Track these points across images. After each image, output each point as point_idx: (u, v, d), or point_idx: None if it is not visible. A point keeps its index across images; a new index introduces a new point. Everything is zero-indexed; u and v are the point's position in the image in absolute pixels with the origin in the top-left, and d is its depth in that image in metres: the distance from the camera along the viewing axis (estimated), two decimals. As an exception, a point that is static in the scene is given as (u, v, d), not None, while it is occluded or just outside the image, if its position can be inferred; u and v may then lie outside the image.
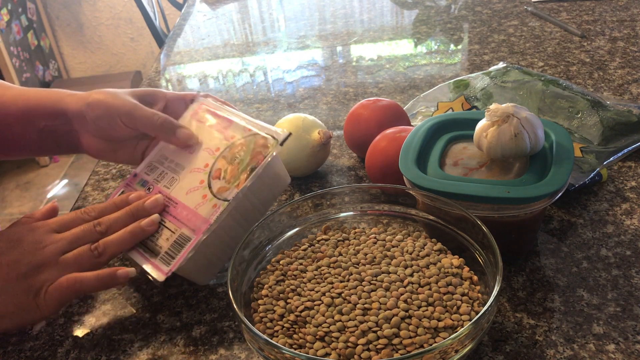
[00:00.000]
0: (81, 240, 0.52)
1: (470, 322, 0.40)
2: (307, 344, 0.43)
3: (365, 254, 0.50)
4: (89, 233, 0.53)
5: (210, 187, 0.54)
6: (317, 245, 0.53)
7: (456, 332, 0.41)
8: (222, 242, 0.54)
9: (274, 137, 0.54)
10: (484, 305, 0.44)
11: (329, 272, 0.49)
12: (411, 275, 0.47)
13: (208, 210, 0.53)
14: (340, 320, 0.44)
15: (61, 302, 0.50)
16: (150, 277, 0.52)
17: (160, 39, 2.04)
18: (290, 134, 0.54)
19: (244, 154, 0.55)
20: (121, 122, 0.59)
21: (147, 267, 0.53)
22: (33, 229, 0.52)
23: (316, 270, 0.49)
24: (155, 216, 0.54)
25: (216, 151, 0.57)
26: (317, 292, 0.47)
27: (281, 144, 0.54)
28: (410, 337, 0.42)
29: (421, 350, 0.41)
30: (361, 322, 0.43)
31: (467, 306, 0.44)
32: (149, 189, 0.58)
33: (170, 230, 0.54)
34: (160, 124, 0.59)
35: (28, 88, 0.64)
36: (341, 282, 0.47)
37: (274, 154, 0.54)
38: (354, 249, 0.51)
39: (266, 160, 0.54)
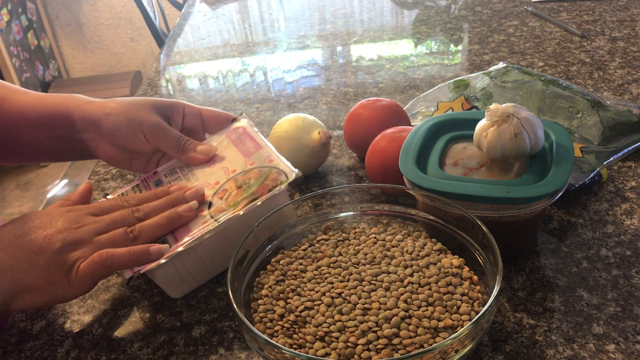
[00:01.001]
0: (118, 224, 0.52)
1: (470, 322, 0.40)
2: (307, 344, 0.43)
3: (365, 254, 0.50)
4: (127, 218, 0.53)
5: (210, 205, 0.55)
6: (317, 245, 0.53)
7: (456, 332, 0.41)
8: (200, 261, 0.54)
9: (286, 175, 0.54)
10: (484, 305, 0.44)
11: (329, 272, 0.49)
12: (411, 275, 0.47)
13: (197, 225, 0.53)
14: (340, 320, 0.44)
15: (93, 279, 0.49)
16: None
17: (160, 39, 2.04)
18: (302, 176, 0.53)
19: (253, 182, 0.55)
20: (143, 136, 0.60)
21: None
22: (71, 210, 0.52)
23: (316, 270, 0.49)
24: (194, 203, 0.54)
25: (232, 172, 0.57)
26: (317, 292, 0.47)
27: (290, 183, 0.53)
28: (410, 337, 0.42)
29: (421, 350, 0.41)
30: (361, 322, 0.43)
31: (467, 306, 0.44)
32: None
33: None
34: (181, 146, 0.60)
35: (45, 94, 0.64)
36: (341, 282, 0.47)
37: (281, 189, 0.53)
38: (354, 249, 0.51)
39: (269, 194, 0.53)
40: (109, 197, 0.60)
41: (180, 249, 0.51)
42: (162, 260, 0.50)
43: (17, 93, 0.63)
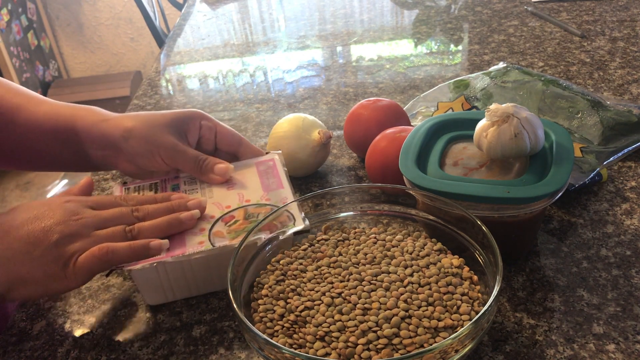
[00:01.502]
0: (117, 220, 0.52)
1: (470, 322, 0.40)
2: (307, 344, 0.43)
3: (365, 254, 0.50)
4: (126, 216, 0.53)
5: (213, 226, 0.54)
6: (317, 245, 0.53)
7: (456, 332, 0.41)
8: (185, 277, 0.54)
9: (294, 223, 0.53)
10: (484, 305, 0.44)
11: (329, 272, 0.49)
12: (411, 275, 0.47)
13: (192, 242, 0.52)
14: (340, 320, 0.44)
15: (91, 272, 0.49)
16: None
17: (160, 39, 2.04)
18: (308, 230, 0.53)
19: (261, 219, 0.54)
20: (161, 160, 0.60)
21: None
22: (69, 200, 0.52)
23: (316, 270, 0.49)
24: (196, 212, 0.54)
25: (245, 201, 0.57)
26: (317, 292, 0.47)
27: (295, 233, 0.52)
28: (410, 337, 0.42)
29: (421, 350, 0.41)
30: (361, 322, 0.43)
31: (467, 306, 0.44)
32: None
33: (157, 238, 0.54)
34: (199, 166, 0.60)
35: (62, 104, 0.63)
36: (341, 282, 0.47)
37: (285, 234, 0.53)
38: (354, 249, 0.51)
39: (271, 235, 0.52)
40: (126, 185, 0.61)
41: (169, 259, 0.50)
42: (147, 265, 0.50)
43: (33, 102, 0.63)
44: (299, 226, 0.52)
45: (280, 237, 0.52)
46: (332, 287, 0.47)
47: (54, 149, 0.62)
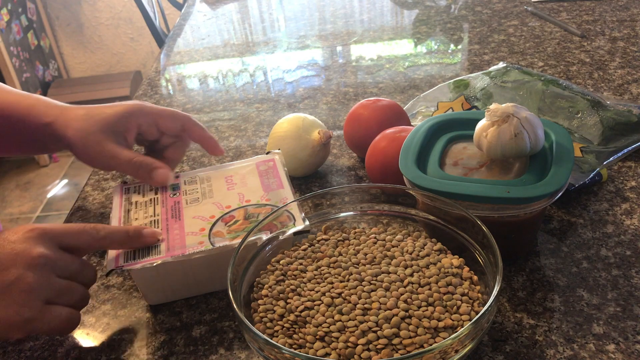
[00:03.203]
0: (76, 278, 0.49)
1: (470, 322, 0.40)
2: (307, 344, 0.43)
3: (365, 254, 0.50)
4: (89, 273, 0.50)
5: (213, 226, 0.54)
6: (317, 245, 0.53)
7: (456, 332, 0.41)
8: (185, 277, 0.54)
9: (294, 224, 0.53)
10: (484, 305, 0.44)
11: (329, 272, 0.49)
12: (411, 275, 0.47)
13: (193, 242, 0.52)
14: (340, 320, 0.44)
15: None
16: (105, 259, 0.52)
17: (160, 39, 2.03)
18: (308, 231, 0.53)
19: (261, 219, 0.54)
20: (103, 165, 0.62)
21: (111, 251, 0.52)
22: (34, 231, 0.47)
23: (316, 270, 0.49)
24: (159, 234, 0.53)
25: (246, 202, 0.57)
26: (317, 292, 0.47)
27: (295, 233, 0.53)
28: (410, 337, 0.42)
29: (421, 350, 0.41)
30: (361, 322, 0.43)
31: (467, 306, 0.44)
32: (175, 194, 0.59)
33: (157, 237, 0.54)
34: (137, 167, 0.59)
35: (19, 92, 0.64)
36: (341, 282, 0.47)
37: (285, 234, 0.53)
38: (354, 249, 0.51)
39: (271, 235, 0.53)
40: (126, 185, 0.61)
41: (169, 259, 0.51)
42: (147, 265, 0.50)
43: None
44: (299, 226, 0.52)
45: (280, 237, 0.52)
46: (332, 287, 0.47)
47: (13, 136, 0.63)
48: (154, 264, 0.50)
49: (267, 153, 0.65)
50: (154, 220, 0.56)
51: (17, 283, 0.44)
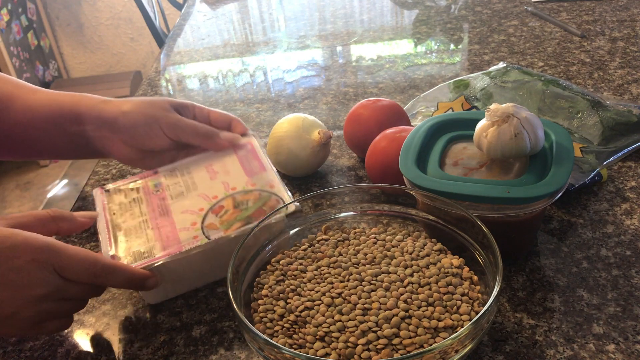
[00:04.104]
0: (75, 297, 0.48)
1: (470, 322, 0.40)
2: (307, 344, 0.43)
3: (365, 254, 0.50)
4: (88, 295, 0.50)
5: (204, 218, 0.54)
6: (317, 245, 0.53)
7: (456, 332, 0.41)
8: (184, 273, 0.54)
9: (286, 207, 0.53)
10: (484, 305, 0.44)
11: (329, 272, 0.49)
12: (411, 275, 0.47)
13: (187, 237, 0.52)
14: (340, 320, 0.44)
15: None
16: None
17: (160, 39, 2.04)
18: (300, 211, 0.53)
19: (251, 205, 0.55)
20: (162, 132, 0.61)
21: (107, 252, 0.52)
22: (36, 261, 0.45)
23: (316, 270, 0.49)
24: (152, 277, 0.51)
25: (232, 189, 0.57)
26: (317, 292, 0.47)
27: (287, 216, 0.53)
28: (410, 337, 0.42)
29: (421, 350, 0.41)
30: (361, 322, 0.43)
31: (467, 306, 0.44)
32: (157, 190, 0.59)
33: (147, 237, 0.54)
34: (204, 132, 0.61)
35: (56, 92, 0.64)
36: (341, 282, 0.47)
37: (277, 219, 0.53)
38: (354, 249, 0.51)
39: (264, 222, 0.52)
40: (108, 187, 0.60)
41: (168, 259, 0.51)
42: (148, 268, 0.50)
43: (26, 91, 0.63)
44: (290, 209, 0.52)
45: (273, 221, 0.52)
46: (332, 287, 0.47)
47: (50, 135, 0.62)
48: (155, 265, 0.50)
49: (243, 136, 0.64)
50: (143, 220, 0.55)
51: (16, 316, 0.45)
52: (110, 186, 0.61)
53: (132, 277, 0.50)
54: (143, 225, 0.55)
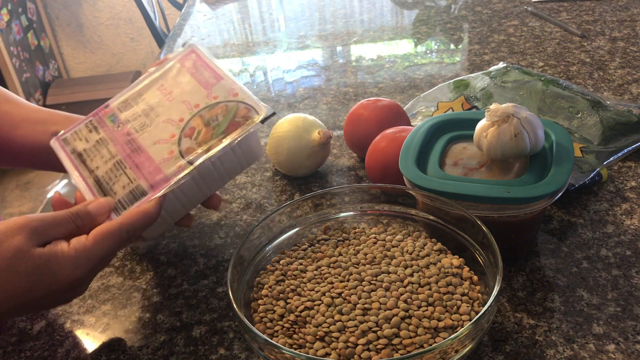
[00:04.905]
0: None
1: (470, 322, 0.40)
2: (307, 344, 0.43)
3: (365, 254, 0.50)
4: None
5: (179, 145, 0.52)
6: (317, 245, 0.53)
7: (456, 332, 0.41)
8: (178, 201, 0.53)
9: (257, 112, 0.52)
10: (484, 305, 0.44)
11: (329, 272, 0.49)
12: (411, 275, 0.47)
13: (171, 169, 0.51)
14: (340, 320, 0.44)
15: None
16: None
17: (160, 39, 2.04)
18: (274, 113, 0.52)
19: (222, 119, 0.52)
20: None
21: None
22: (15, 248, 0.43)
23: (316, 270, 0.49)
24: (109, 203, 0.50)
25: (195, 107, 0.54)
26: (317, 292, 0.47)
27: (262, 122, 0.51)
28: (410, 337, 0.42)
29: (421, 350, 0.41)
30: (361, 322, 0.43)
31: (467, 306, 0.44)
32: (118, 126, 0.55)
33: (129, 178, 0.52)
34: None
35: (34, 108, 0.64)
36: (341, 282, 0.47)
37: (252, 130, 0.52)
38: (354, 249, 0.51)
39: (243, 134, 0.51)
40: (62, 135, 0.56)
41: (160, 193, 0.49)
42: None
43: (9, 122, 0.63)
44: (263, 113, 0.51)
45: (252, 130, 0.51)
46: (332, 287, 0.47)
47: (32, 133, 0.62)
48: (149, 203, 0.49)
49: (183, 45, 0.61)
50: (117, 162, 0.53)
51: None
52: (66, 135, 0.56)
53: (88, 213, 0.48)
54: (119, 167, 0.52)
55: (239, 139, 0.51)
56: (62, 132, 0.57)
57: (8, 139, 0.62)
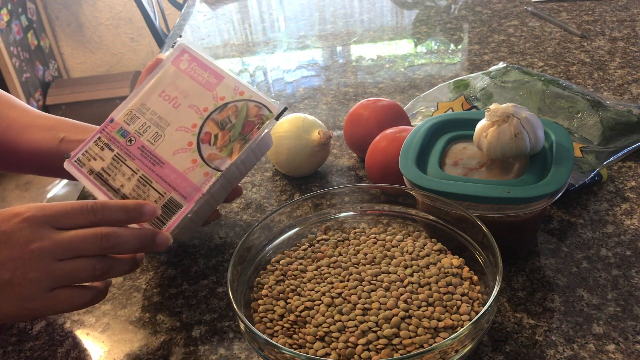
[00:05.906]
0: (80, 252, 0.45)
1: (470, 322, 0.40)
2: (307, 344, 0.43)
3: (365, 254, 0.50)
4: (92, 246, 0.46)
5: (200, 152, 0.52)
6: (317, 245, 0.53)
7: (456, 332, 0.41)
8: (208, 206, 0.56)
9: (268, 109, 0.52)
10: (484, 305, 0.44)
11: (329, 272, 0.49)
12: (411, 275, 0.47)
13: (199, 177, 0.51)
14: (340, 320, 0.44)
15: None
16: None
17: (160, 39, 2.04)
18: (286, 108, 0.52)
19: (236, 121, 0.52)
20: None
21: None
22: (26, 219, 0.45)
23: (316, 270, 0.49)
24: (157, 209, 0.50)
25: (204, 111, 0.53)
26: (317, 292, 0.47)
27: (276, 119, 0.51)
28: (410, 337, 0.42)
29: (421, 350, 0.41)
30: (361, 322, 0.43)
31: (467, 306, 0.44)
32: (130, 140, 0.54)
33: (158, 192, 0.51)
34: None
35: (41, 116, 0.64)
36: (341, 282, 0.47)
37: (269, 129, 0.52)
38: (354, 249, 0.51)
39: (261, 133, 0.52)
40: (72, 158, 0.55)
41: (195, 205, 0.51)
42: (183, 222, 0.51)
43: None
44: (276, 111, 0.52)
45: (266, 131, 0.52)
46: (332, 287, 0.47)
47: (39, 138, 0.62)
48: (188, 216, 0.51)
49: (173, 45, 0.57)
50: (141, 177, 0.52)
51: (16, 279, 0.43)
52: (77, 155, 0.55)
53: (128, 207, 0.48)
54: (145, 182, 0.52)
55: (257, 140, 0.52)
56: (71, 153, 0.55)
57: (15, 145, 0.62)
